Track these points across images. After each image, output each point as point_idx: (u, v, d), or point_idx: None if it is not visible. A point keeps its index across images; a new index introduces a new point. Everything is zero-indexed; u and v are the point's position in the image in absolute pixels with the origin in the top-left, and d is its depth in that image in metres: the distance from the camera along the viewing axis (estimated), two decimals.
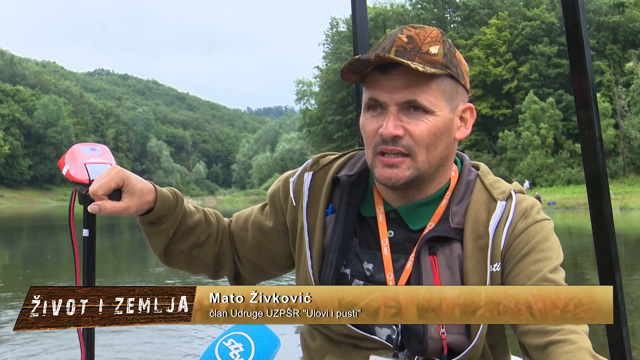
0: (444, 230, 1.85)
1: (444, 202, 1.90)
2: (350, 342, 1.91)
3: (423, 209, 1.90)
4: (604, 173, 2.41)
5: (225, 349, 1.76)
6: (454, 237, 1.84)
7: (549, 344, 1.65)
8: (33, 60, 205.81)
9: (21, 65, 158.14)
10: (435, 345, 1.79)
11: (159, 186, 2.01)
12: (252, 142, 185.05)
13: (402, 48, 1.77)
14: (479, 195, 1.89)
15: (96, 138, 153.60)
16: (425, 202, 1.90)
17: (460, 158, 2.01)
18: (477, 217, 1.85)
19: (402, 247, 1.89)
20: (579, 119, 2.43)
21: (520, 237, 1.83)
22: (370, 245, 1.93)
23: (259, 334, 1.82)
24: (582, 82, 2.39)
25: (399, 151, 1.78)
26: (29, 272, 16.88)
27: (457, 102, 1.85)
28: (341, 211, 1.94)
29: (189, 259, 2.11)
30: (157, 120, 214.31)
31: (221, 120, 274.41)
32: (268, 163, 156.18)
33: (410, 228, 1.90)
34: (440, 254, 1.84)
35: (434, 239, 1.84)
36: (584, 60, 2.38)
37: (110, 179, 1.85)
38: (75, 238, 2.08)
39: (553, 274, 1.77)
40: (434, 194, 1.90)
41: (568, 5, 2.37)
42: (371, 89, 1.81)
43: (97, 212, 1.85)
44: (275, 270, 2.20)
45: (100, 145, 2.07)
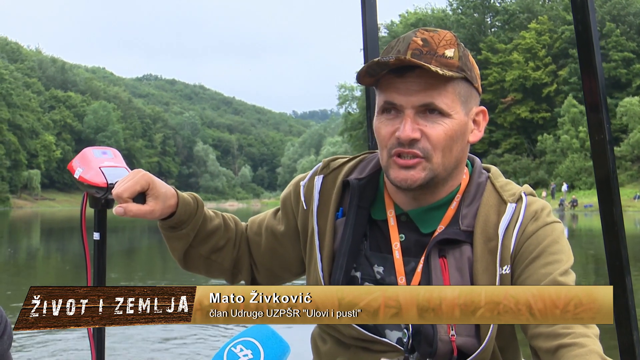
0: (454, 232, 1.84)
1: (454, 205, 1.89)
2: (361, 345, 1.90)
3: (434, 212, 1.89)
4: (615, 177, 2.38)
5: (234, 356, 1.73)
6: (464, 239, 1.83)
7: (559, 347, 1.64)
8: (83, 67, 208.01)
9: (72, 72, 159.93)
10: (445, 347, 1.78)
11: (187, 192, 2.02)
12: (297, 146, 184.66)
13: (418, 51, 1.76)
14: (489, 198, 1.88)
15: (144, 142, 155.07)
16: (436, 205, 1.89)
17: (471, 160, 1.99)
18: (487, 219, 1.84)
19: (413, 251, 1.88)
20: (589, 122, 2.40)
21: (530, 239, 1.81)
22: (381, 249, 1.92)
23: (268, 339, 1.79)
24: (593, 85, 2.37)
25: (415, 154, 1.77)
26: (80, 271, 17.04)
27: (471, 105, 1.85)
28: (351, 214, 1.93)
29: (207, 263, 2.11)
30: (203, 124, 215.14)
31: (267, 124, 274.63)
32: (312, 166, 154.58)
33: (421, 231, 1.88)
34: (450, 257, 1.82)
35: (444, 241, 1.83)
36: (594, 64, 2.35)
37: (136, 182, 1.84)
38: (87, 241, 2.08)
39: (563, 276, 1.75)
40: (445, 197, 1.89)
41: (578, 9, 2.35)
42: (386, 92, 1.80)
43: (122, 214, 1.83)
44: (288, 276, 2.19)
45: (111, 149, 2.07)
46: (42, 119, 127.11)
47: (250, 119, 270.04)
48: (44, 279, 18.15)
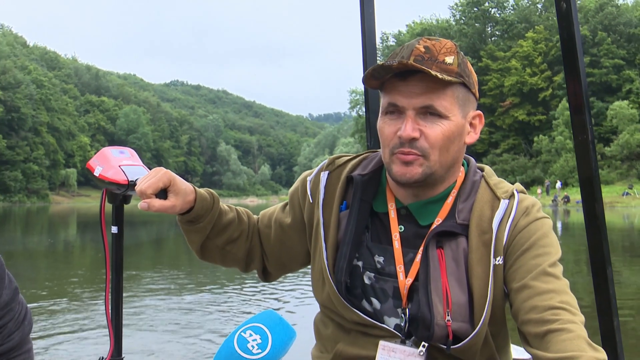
0: (451, 225, 1.83)
1: (450, 200, 1.88)
2: (361, 330, 1.90)
3: (431, 205, 1.89)
4: (597, 174, 2.36)
5: (244, 340, 1.73)
6: (460, 232, 1.82)
7: (548, 332, 1.63)
8: (116, 74, 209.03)
9: (105, 78, 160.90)
10: (441, 331, 1.77)
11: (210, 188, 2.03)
12: (312, 146, 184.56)
13: (420, 57, 1.77)
14: (484, 194, 1.87)
15: (172, 143, 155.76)
16: (434, 199, 1.89)
17: (466, 160, 1.99)
18: (482, 214, 1.83)
19: (412, 242, 1.87)
20: (573, 123, 2.38)
21: (521, 233, 1.80)
22: (382, 240, 1.91)
23: (276, 325, 1.78)
24: (577, 89, 2.35)
25: (414, 153, 1.78)
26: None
27: (468, 109, 1.85)
28: (354, 207, 1.93)
29: (223, 253, 2.11)
30: (226, 126, 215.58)
31: (284, 126, 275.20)
32: None
33: (420, 224, 1.88)
34: (447, 248, 1.81)
35: (442, 233, 1.82)
36: (578, 69, 2.33)
37: (159, 179, 1.85)
38: (106, 234, 2.08)
39: (552, 267, 1.75)
40: (442, 192, 1.89)
41: (563, 18, 2.32)
42: (390, 95, 1.80)
43: (146, 209, 1.84)
44: (295, 265, 2.19)
45: (128, 149, 2.06)
46: (78, 122, 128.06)
47: (269, 121, 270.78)
48: (80, 265, 18.40)
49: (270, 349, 1.73)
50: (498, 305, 1.81)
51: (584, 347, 1.58)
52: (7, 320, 1.90)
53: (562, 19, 2.33)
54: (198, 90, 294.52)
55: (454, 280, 1.79)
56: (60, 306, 11.02)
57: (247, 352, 1.71)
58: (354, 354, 1.90)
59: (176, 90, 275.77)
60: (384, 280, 1.87)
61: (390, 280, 1.86)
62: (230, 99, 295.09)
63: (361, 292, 1.90)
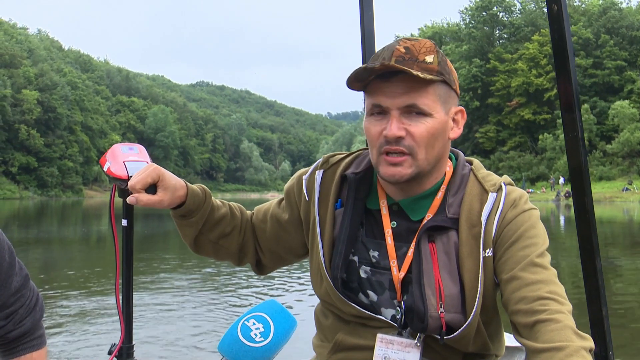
0: (441, 220, 1.81)
1: (440, 195, 1.86)
2: (359, 322, 1.89)
3: (422, 201, 1.86)
4: (586, 169, 2.34)
5: (247, 329, 1.71)
6: (450, 226, 1.80)
7: (536, 322, 1.62)
8: (145, 75, 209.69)
9: (135, 80, 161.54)
10: (435, 323, 1.75)
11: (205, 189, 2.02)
12: (331, 144, 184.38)
13: (401, 58, 1.73)
14: (473, 188, 1.84)
15: (197, 141, 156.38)
16: (424, 195, 1.86)
17: (455, 154, 1.96)
18: (471, 207, 1.81)
19: (404, 236, 1.85)
20: (564, 121, 2.35)
21: (509, 225, 1.78)
22: (376, 235, 1.89)
23: (278, 315, 1.76)
24: (567, 88, 2.32)
25: (401, 151, 1.75)
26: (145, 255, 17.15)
27: (450, 106, 1.82)
28: (349, 205, 1.92)
29: (216, 247, 2.09)
30: (249, 125, 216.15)
31: (304, 125, 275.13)
32: None
33: (411, 219, 1.86)
34: (438, 242, 1.79)
35: (433, 228, 1.80)
36: (569, 69, 2.30)
37: (147, 175, 1.84)
38: (116, 227, 2.08)
39: (540, 258, 1.72)
40: (431, 187, 1.86)
41: (554, 19, 2.30)
42: (374, 96, 1.77)
43: (134, 203, 1.84)
44: (292, 258, 2.17)
45: (138, 145, 2.05)
46: (110, 121, 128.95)
47: (290, 120, 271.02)
48: (111, 254, 18.48)
49: (273, 337, 1.71)
50: (489, 296, 1.79)
51: (571, 337, 1.56)
52: (19, 307, 1.90)
53: (553, 21, 2.31)
54: (222, 90, 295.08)
55: (445, 273, 1.77)
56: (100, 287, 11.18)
57: (250, 340, 1.69)
58: (353, 343, 1.90)
59: (202, 90, 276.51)
60: (380, 274, 1.85)
61: (386, 273, 1.85)
62: (252, 98, 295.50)
63: (358, 286, 1.89)
